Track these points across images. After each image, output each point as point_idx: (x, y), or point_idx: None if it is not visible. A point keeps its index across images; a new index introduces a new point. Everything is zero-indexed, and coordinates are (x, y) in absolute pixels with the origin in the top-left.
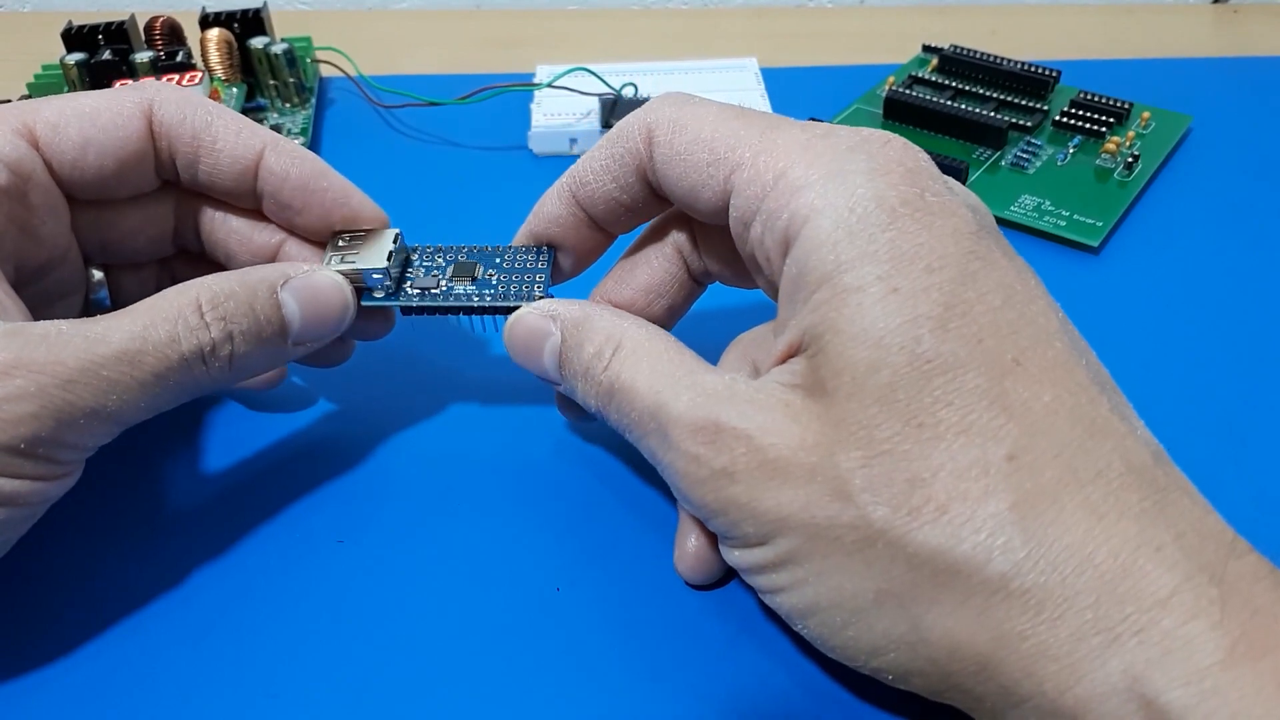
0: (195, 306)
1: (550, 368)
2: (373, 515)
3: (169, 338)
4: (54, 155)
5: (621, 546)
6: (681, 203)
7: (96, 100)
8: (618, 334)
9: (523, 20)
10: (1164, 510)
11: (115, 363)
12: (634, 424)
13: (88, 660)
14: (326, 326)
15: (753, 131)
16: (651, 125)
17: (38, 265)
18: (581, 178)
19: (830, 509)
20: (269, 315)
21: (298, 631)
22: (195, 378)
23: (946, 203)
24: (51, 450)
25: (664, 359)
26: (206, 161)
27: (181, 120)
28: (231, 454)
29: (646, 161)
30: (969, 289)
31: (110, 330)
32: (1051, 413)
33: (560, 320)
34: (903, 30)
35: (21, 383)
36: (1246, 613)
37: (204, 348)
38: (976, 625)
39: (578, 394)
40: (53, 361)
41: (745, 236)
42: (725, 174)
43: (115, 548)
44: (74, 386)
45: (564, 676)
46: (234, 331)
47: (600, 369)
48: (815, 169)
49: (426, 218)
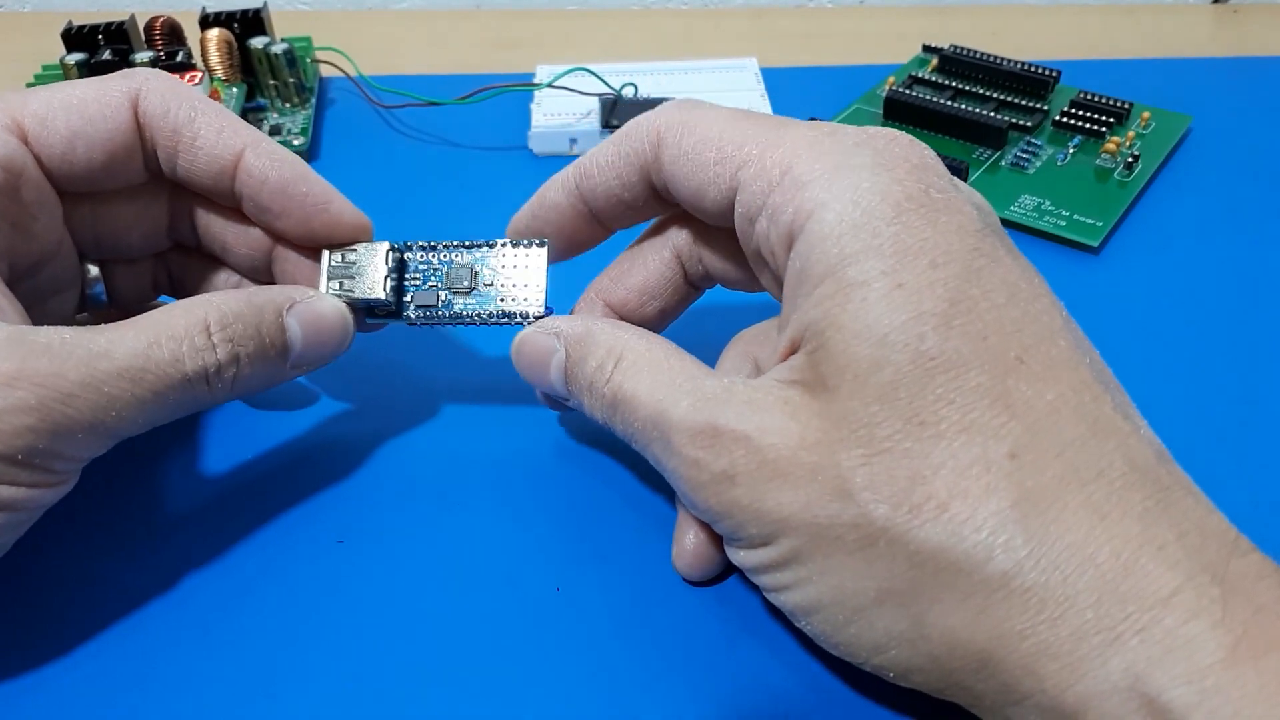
0: (204, 327)
1: (557, 383)
2: (372, 515)
3: (173, 357)
4: (43, 149)
5: (621, 546)
6: (687, 203)
7: (84, 91)
8: (619, 347)
9: (523, 20)
10: (1166, 509)
11: (117, 379)
12: (638, 433)
13: (87, 660)
14: (325, 351)
15: (759, 130)
16: (660, 127)
17: (31, 261)
18: (586, 170)
19: (831, 508)
20: (274, 339)
21: (297, 631)
22: (196, 396)
23: (952, 199)
24: (48, 461)
25: (664, 367)
26: (185, 157)
27: (164, 113)
28: (231, 454)
29: (653, 162)
30: (973, 286)
31: (114, 345)
32: (1054, 411)
33: (564, 337)
34: (903, 30)
35: (23, 395)
36: (1249, 611)
37: (209, 369)
38: (977, 623)
39: (585, 408)
40: (54, 375)
41: (750, 233)
42: (732, 171)
43: (114, 548)
44: (74, 401)
45: (564, 676)
46: (240, 354)
47: (603, 381)
48: (821, 164)
49: (426, 218)
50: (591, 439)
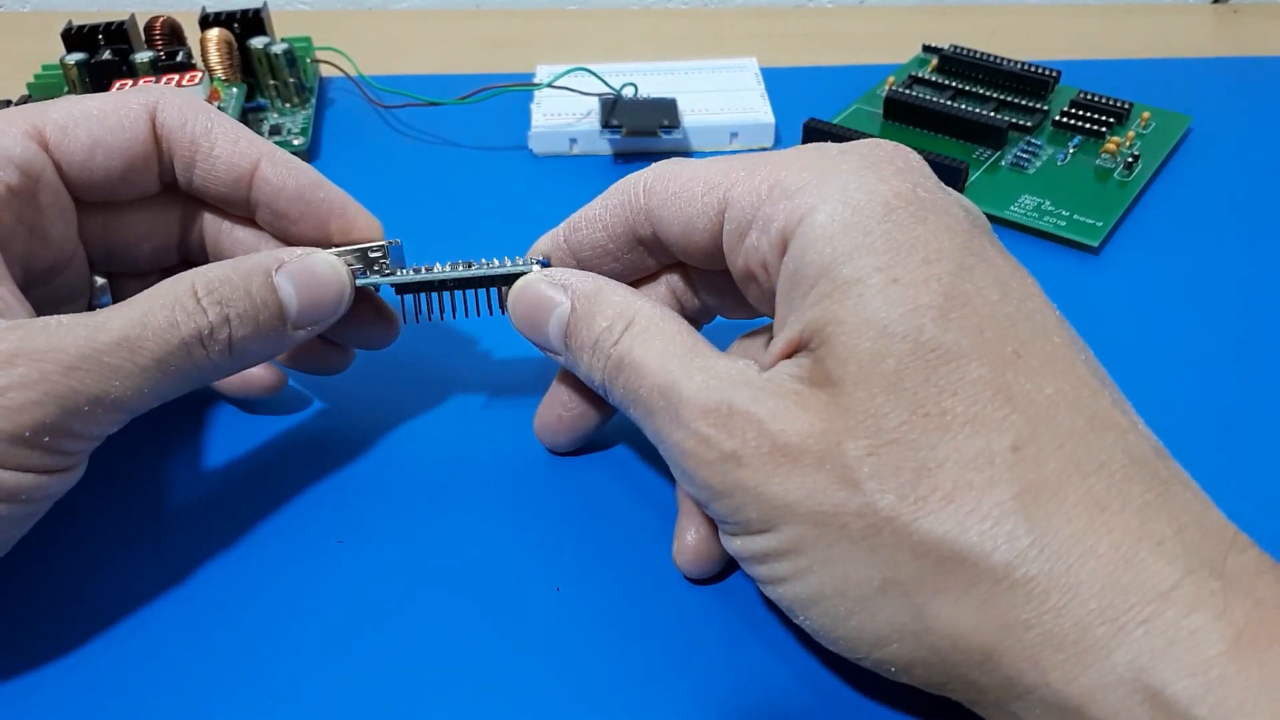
0: (191, 292)
1: (554, 337)
2: (372, 515)
3: (168, 323)
4: (63, 156)
5: (621, 546)
6: (677, 244)
7: (103, 102)
8: (631, 310)
9: (522, 20)
10: (1166, 503)
11: (116, 349)
12: (641, 400)
13: (87, 659)
14: (325, 309)
15: (745, 159)
16: (649, 179)
17: (45, 267)
18: (575, 224)
19: (837, 496)
20: (265, 299)
21: (297, 631)
22: (196, 363)
23: (939, 199)
24: (57, 440)
25: (677, 339)
26: (202, 167)
27: (182, 124)
28: (231, 454)
29: (640, 212)
30: (966, 282)
31: (110, 319)
32: (1054, 405)
33: (572, 290)
34: (903, 30)
35: (24, 370)
36: (1249, 605)
37: (202, 331)
38: (981, 614)
39: (581, 366)
40: (54, 349)
41: (739, 249)
42: (720, 195)
43: (115, 547)
44: (76, 373)
45: (565, 677)
46: (230, 315)
47: (610, 342)
48: (808, 172)
49: (426, 218)
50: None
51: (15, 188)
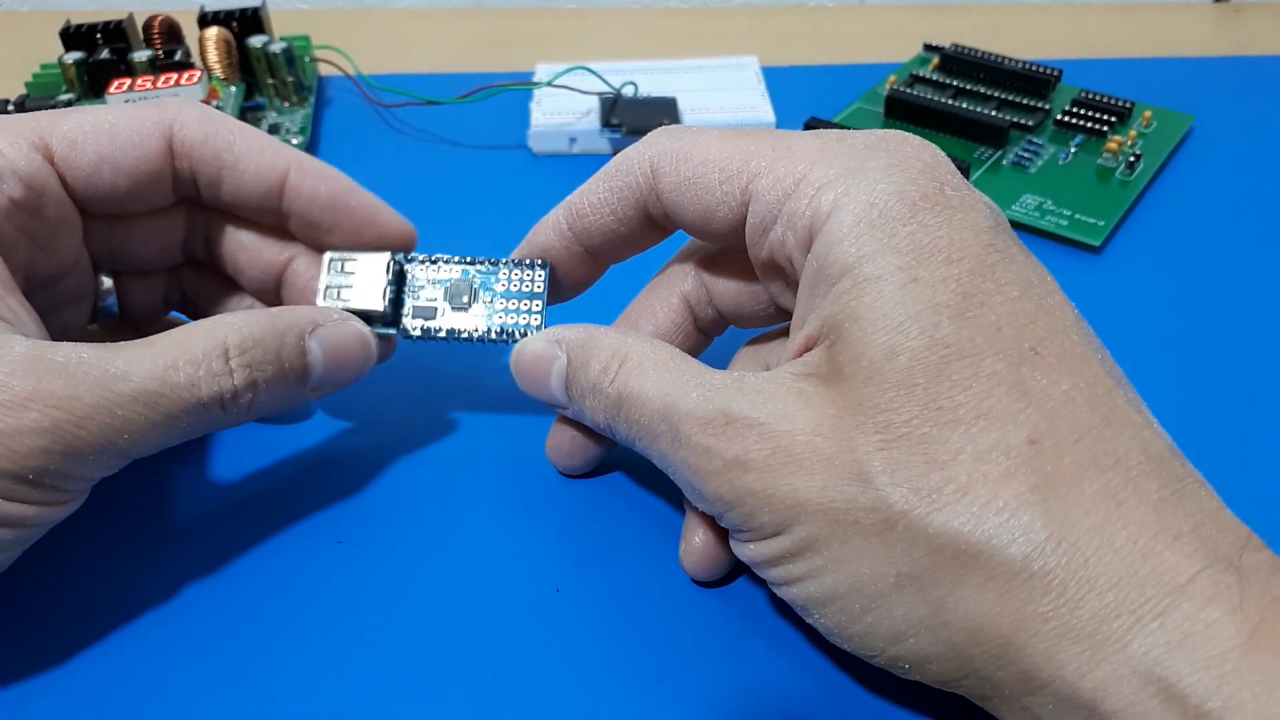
0: (222, 351)
1: (557, 390)
2: (373, 516)
3: (189, 381)
4: (69, 170)
5: (621, 546)
6: (694, 228)
7: (116, 117)
8: (623, 349)
9: (522, 19)
10: (1181, 499)
11: (131, 403)
12: (644, 429)
13: (88, 662)
14: (344, 377)
15: (764, 143)
16: (654, 158)
17: (49, 274)
18: (579, 210)
19: (849, 492)
20: (294, 363)
21: (297, 632)
22: (210, 420)
23: (965, 198)
24: (58, 480)
25: (670, 365)
26: (230, 181)
27: (204, 140)
28: (231, 455)
29: (650, 194)
30: (987, 280)
31: (132, 367)
32: (1070, 400)
33: (565, 343)
34: (904, 29)
35: (37, 416)
36: (1266, 599)
37: (224, 394)
38: (999, 607)
39: (585, 412)
40: (69, 397)
41: (763, 243)
42: (741, 186)
43: (115, 549)
44: (87, 423)
45: (565, 677)
46: (258, 379)
47: (608, 382)
48: (835, 167)
49: (426, 217)
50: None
51: (19, 200)
